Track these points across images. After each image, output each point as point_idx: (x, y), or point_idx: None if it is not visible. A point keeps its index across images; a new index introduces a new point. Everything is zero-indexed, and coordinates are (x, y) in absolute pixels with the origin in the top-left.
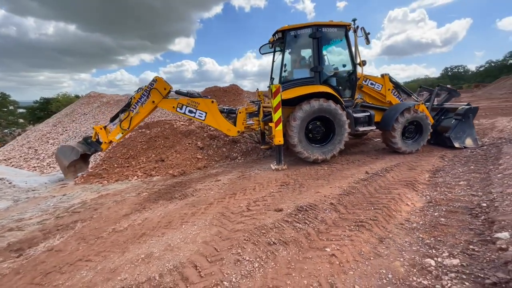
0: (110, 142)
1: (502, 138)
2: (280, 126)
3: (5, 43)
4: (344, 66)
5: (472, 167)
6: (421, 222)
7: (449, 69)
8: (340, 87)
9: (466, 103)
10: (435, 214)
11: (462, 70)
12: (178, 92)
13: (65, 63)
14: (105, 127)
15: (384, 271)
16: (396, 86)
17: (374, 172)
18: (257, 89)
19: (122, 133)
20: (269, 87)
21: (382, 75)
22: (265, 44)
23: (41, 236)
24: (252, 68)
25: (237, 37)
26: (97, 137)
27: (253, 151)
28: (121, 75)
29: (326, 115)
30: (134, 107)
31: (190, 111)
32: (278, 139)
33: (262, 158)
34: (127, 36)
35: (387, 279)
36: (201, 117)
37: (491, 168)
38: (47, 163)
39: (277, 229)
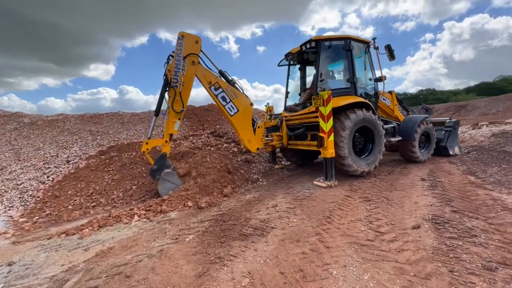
0: (171, 136)
1: (479, 146)
2: (332, 137)
3: None
4: (370, 80)
5: (504, 166)
6: None
7: None
8: (367, 100)
9: (448, 118)
10: None
11: None
12: (222, 73)
13: None
14: (148, 139)
15: None
16: (399, 102)
17: (430, 179)
18: (267, 103)
19: (179, 118)
20: (298, 96)
21: (390, 92)
22: (283, 59)
23: None
24: None
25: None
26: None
27: (271, 172)
28: (10, 100)
29: (368, 125)
30: (175, 80)
31: (223, 98)
32: (331, 151)
33: (286, 178)
34: (22, 56)
35: None
36: (231, 111)
37: None
38: None
39: (462, 250)
